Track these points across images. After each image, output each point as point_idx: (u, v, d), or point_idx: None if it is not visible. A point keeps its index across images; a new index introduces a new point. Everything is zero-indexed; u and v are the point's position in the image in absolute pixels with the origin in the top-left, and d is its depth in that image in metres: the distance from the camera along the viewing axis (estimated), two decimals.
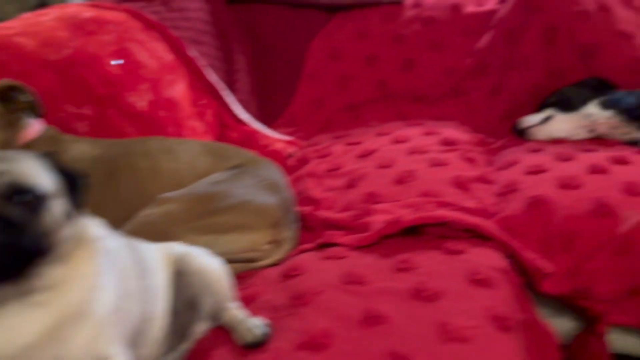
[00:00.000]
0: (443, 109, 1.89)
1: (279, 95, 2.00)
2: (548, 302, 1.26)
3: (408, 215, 1.18)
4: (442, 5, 1.98)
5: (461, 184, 1.38)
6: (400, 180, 1.39)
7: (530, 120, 1.66)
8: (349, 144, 1.66)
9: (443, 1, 1.99)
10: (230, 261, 1.13)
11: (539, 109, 1.71)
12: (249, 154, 1.34)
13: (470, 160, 1.52)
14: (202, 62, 1.65)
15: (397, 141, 1.63)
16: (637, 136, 1.54)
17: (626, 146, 1.53)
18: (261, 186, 1.22)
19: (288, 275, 1.07)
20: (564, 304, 1.26)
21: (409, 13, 1.99)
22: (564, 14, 1.79)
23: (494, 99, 1.87)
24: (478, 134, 1.76)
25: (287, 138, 1.69)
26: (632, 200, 1.23)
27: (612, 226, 1.20)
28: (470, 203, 1.31)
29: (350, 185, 1.42)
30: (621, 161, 1.37)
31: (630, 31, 1.75)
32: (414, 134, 1.68)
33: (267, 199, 1.19)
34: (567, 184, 1.30)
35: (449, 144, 1.59)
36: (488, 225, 1.18)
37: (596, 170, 1.33)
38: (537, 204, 1.26)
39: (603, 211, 1.21)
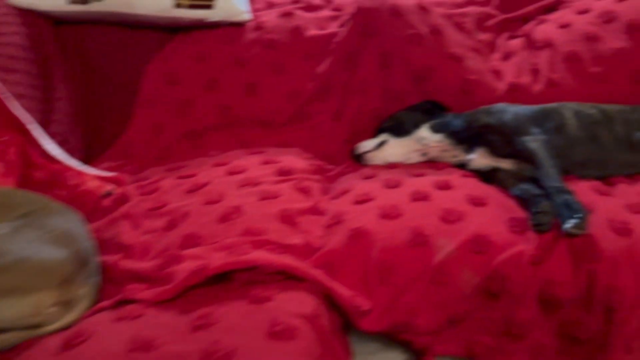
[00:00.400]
0: (288, 135, 1.83)
1: (111, 124, 1.84)
2: (377, 336, 1.23)
3: (216, 262, 1.09)
4: (283, 28, 1.92)
5: (288, 218, 1.32)
6: (225, 218, 1.30)
7: (366, 145, 1.65)
8: (181, 177, 1.55)
9: (284, 24, 1.94)
10: (7, 330, 0.99)
11: (375, 133, 1.71)
12: (41, 199, 1.18)
13: (304, 191, 1.46)
14: (5, 93, 1.46)
15: (232, 172, 1.54)
16: (465, 159, 1.57)
17: (455, 169, 1.55)
18: (48, 238, 1.07)
19: (69, 344, 0.94)
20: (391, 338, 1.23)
21: (250, 36, 1.92)
22: (397, 38, 1.80)
23: (337, 123, 1.84)
24: (320, 160, 1.72)
25: (107, 174, 1.54)
26: (447, 228, 1.22)
27: (428, 256, 1.19)
28: (294, 239, 1.25)
29: (171, 226, 1.31)
30: (444, 186, 1.38)
31: (461, 54, 1.80)
32: (252, 163, 1.60)
33: (53, 253, 1.05)
34: (388, 214, 1.27)
35: (284, 173, 1.53)
36: (300, 265, 1.12)
37: (418, 197, 1.33)
38: (358, 237, 1.23)
39: (419, 241, 1.20)
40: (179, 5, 1.91)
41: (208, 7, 1.93)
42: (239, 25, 1.95)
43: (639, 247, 1.13)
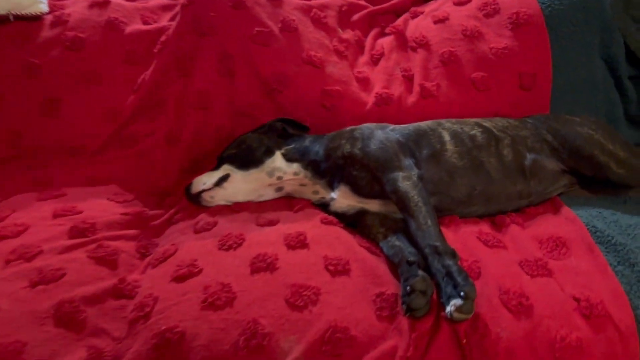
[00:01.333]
0: (102, 166, 1.39)
1: None
2: None
3: None
4: (93, 23, 1.45)
5: (69, 315, 0.92)
6: None
7: (204, 181, 1.25)
8: None
9: (95, 17, 1.46)
10: None
11: (216, 164, 1.31)
12: None
13: (106, 260, 1.06)
14: None
15: (2, 236, 1.08)
16: (327, 197, 1.22)
17: (315, 210, 1.21)
18: None
19: None
20: None
21: (47, 34, 1.43)
22: (241, 38, 1.41)
23: (172, 147, 1.43)
24: (144, 202, 1.30)
25: None
26: (295, 319, 0.88)
27: None
28: (70, 354, 0.85)
29: None
30: (298, 244, 1.04)
31: (321, 57, 1.44)
32: (38, 217, 1.17)
33: None
34: (215, 300, 0.91)
35: (80, 233, 1.11)
36: None
37: (261, 266, 0.97)
38: (167, 345, 0.85)
39: (254, 344, 0.85)
40: None
41: None
42: (32, 20, 1.45)
43: (542, 332, 0.85)
